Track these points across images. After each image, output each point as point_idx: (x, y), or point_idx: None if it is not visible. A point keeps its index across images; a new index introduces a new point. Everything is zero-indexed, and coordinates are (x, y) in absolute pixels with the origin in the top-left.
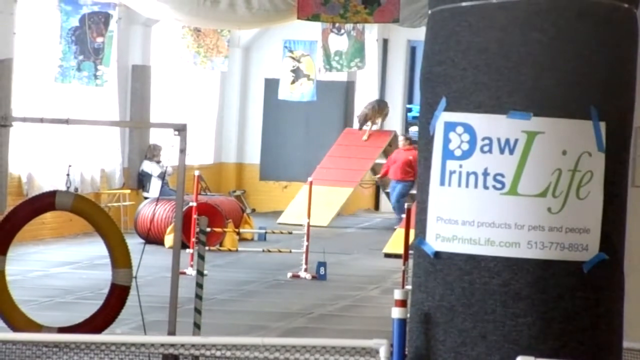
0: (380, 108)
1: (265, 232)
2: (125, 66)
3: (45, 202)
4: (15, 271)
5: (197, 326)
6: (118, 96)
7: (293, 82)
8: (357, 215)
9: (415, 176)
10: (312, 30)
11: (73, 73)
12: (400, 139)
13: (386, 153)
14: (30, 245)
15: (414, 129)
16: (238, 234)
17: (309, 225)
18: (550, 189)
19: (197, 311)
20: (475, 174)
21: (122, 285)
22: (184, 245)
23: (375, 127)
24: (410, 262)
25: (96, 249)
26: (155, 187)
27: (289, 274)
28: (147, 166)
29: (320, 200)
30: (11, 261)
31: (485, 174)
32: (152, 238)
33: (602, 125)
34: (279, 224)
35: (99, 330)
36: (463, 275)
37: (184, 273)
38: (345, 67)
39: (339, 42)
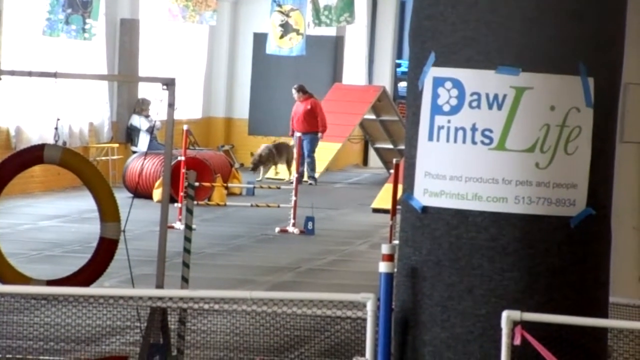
0: (278, 152)
1: (254, 187)
2: (113, 20)
3: (34, 156)
4: (4, 224)
5: (185, 280)
6: (106, 50)
7: (282, 36)
8: (345, 170)
9: (319, 126)
10: None
11: (61, 26)
12: (293, 92)
13: (375, 108)
14: (19, 198)
15: (403, 85)
16: (226, 188)
17: (297, 180)
18: (538, 144)
19: (185, 265)
20: (463, 129)
21: (111, 238)
22: (173, 200)
23: (271, 172)
24: (398, 217)
25: (85, 202)
26: (143, 141)
27: (277, 229)
28: (136, 120)
29: None
30: (0, 214)
31: (474, 129)
32: (141, 192)
33: (591, 81)
34: (267, 178)
35: (87, 283)
36: (450, 230)
37: (173, 227)
38: (335, 22)
39: None
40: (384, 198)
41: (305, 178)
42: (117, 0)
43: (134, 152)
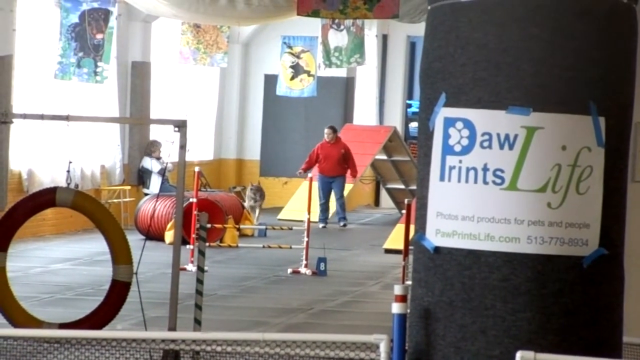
0: (261, 196)
1: (266, 228)
2: (125, 62)
3: (46, 199)
4: (16, 267)
5: (197, 322)
6: (118, 92)
7: (292, 78)
8: (357, 211)
9: (349, 169)
10: (311, 26)
11: (73, 70)
12: (327, 131)
13: (386, 149)
14: (31, 241)
15: (414, 125)
16: (238, 230)
17: (309, 221)
18: (549, 184)
19: (198, 307)
20: (475, 169)
21: (123, 281)
22: (185, 242)
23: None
24: (411, 257)
25: (97, 245)
26: (155, 183)
27: (289, 270)
28: (147, 162)
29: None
30: (12, 257)
31: (485, 169)
32: (153, 234)
33: (602, 120)
34: (279, 219)
35: (99, 326)
36: (463, 271)
37: (185, 269)
38: (345, 63)
39: (339, 38)
40: (396, 238)
41: (336, 220)
42: (128, 43)
43: (146, 195)
